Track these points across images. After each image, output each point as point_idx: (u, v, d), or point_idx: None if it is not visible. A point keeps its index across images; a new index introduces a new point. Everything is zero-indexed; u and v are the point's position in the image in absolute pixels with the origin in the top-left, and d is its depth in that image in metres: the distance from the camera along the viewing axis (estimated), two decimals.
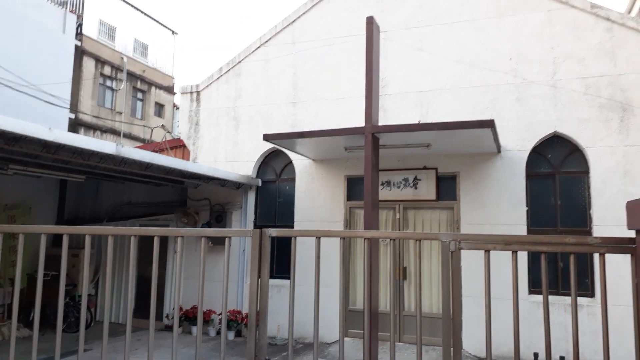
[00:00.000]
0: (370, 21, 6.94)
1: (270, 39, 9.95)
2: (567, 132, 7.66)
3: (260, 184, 9.61)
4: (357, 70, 8.91)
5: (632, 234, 2.41)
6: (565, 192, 7.77)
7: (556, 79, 7.81)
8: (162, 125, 11.75)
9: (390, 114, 8.74)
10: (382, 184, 8.45)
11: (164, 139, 10.69)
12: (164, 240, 9.59)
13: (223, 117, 10.12)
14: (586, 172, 7.62)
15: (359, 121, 7.02)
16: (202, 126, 10.29)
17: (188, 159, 10.17)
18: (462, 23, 8.51)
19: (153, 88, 25.26)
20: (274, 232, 2.72)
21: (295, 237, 2.73)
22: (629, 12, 17.89)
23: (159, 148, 10.49)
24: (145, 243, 3.32)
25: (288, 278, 8.77)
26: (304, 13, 9.75)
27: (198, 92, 10.46)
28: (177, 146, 10.56)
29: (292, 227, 9.17)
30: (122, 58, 23.13)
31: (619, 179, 7.31)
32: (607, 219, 7.25)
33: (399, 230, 8.42)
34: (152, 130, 11.96)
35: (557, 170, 7.87)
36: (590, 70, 7.64)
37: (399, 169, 8.47)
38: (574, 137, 7.63)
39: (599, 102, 7.53)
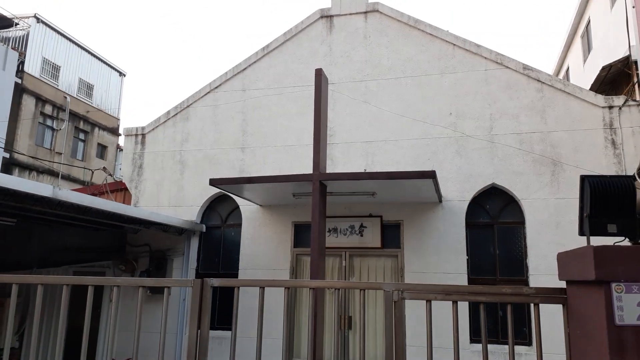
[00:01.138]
0: (319, 73, 7.16)
1: (220, 85, 10.02)
2: (504, 184, 8.06)
3: (204, 229, 9.40)
4: (306, 119, 9.09)
5: (564, 284, 2.52)
6: (503, 241, 8.08)
7: (493, 134, 8.27)
8: (104, 167, 11.36)
9: (337, 162, 8.90)
10: (329, 231, 8.47)
11: (104, 182, 10.32)
12: (98, 289, 9.07)
13: (168, 160, 9.95)
14: (522, 223, 7.99)
15: (307, 168, 7.10)
16: (146, 169, 10.05)
17: (129, 203, 9.83)
18: (405, 79, 8.94)
19: (97, 129, 24.57)
20: (215, 282, 2.65)
21: (238, 288, 2.66)
22: (557, 74, 19.46)
23: (99, 191, 10.10)
24: (78, 292, 3.13)
25: (230, 329, 8.47)
26: (255, 62, 9.94)
27: (143, 135, 10.27)
28: (119, 189, 10.22)
29: (237, 274, 8.95)
30: (65, 97, 22.48)
31: (552, 230, 7.71)
32: (542, 269, 7.57)
33: (345, 278, 8.41)
34: (92, 172, 11.53)
35: (495, 220, 8.21)
36: (524, 127, 8.17)
37: (345, 216, 8.55)
38: (510, 189, 8.03)
39: (532, 157, 8.01)
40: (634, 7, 3.67)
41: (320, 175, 6.71)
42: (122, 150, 21.59)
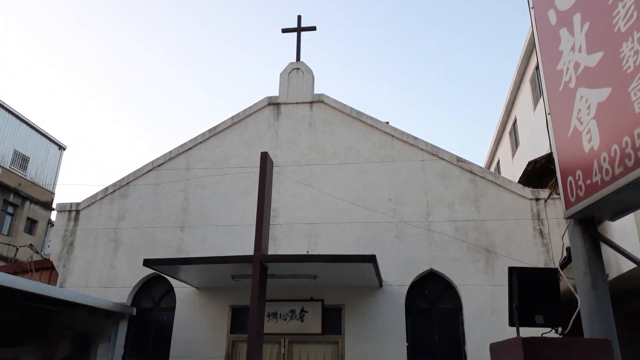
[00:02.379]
0: (264, 156, 7.30)
1: (163, 163, 9.95)
2: (441, 270, 8.25)
3: (134, 313, 8.84)
4: (249, 199, 9.10)
5: None
6: (442, 327, 8.11)
7: (430, 221, 8.58)
8: (30, 244, 10.65)
9: (280, 243, 8.84)
10: (269, 315, 8.20)
11: (29, 259, 9.65)
12: None
13: (102, 238, 9.51)
14: (460, 308, 8.10)
15: (248, 249, 6.99)
16: (77, 247, 9.52)
17: (55, 283, 9.18)
18: (347, 165, 9.26)
19: (28, 202, 23.31)
20: None
21: None
22: (489, 166, 20.80)
23: (22, 269, 9.41)
24: None
25: None
26: (201, 142, 10.01)
27: (78, 211, 9.85)
28: (45, 267, 9.56)
29: None
30: None
31: (488, 316, 7.86)
32: (480, 356, 7.60)
33: None
34: (17, 248, 10.78)
35: (434, 305, 8.28)
36: (459, 215, 8.54)
37: (286, 299, 8.35)
38: (447, 274, 8.21)
39: (467, 244, 8.32)
40: (549, 113, 4.10)
41: (261, 256, 6.62)
42: (53, 225, 20.45)
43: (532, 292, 2.93)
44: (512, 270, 3.08)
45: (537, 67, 10.66)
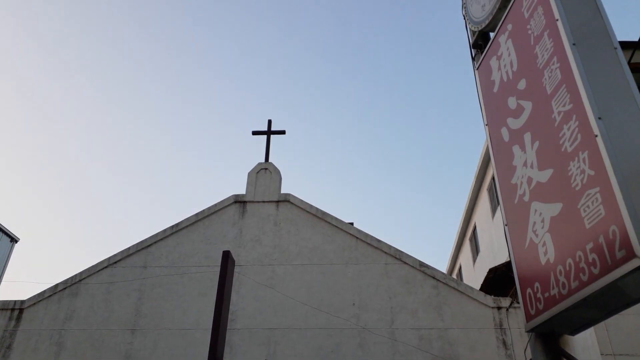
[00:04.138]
0: (226, 255, 7.09)
1: (120, 260, 9.56)
2: None
3: None
4: (207, 301, 8.72)
5: None
6: None
7: (394, 328, 8.35)
8: None
9: (237, 351, 8.34)
10: None
11: None
12: None
13: (44, 341, 8.77)
14: None
15: (203, 356, 6.55)
16: (15, 351, 8.72)
17: None
18: (311, 266, 9.13)
19: None
20: None
21: None
22: (451, 271, 20.90)
23: None
24: None
25: None
26: (161, 239, 9.76)
27: (21, 310, 9.17)
28: None
29: None
30: None
31: None
32: None
33: None
34: None
35: None
36: (422, 323, 8.37)
37: None
38: None
39: (431, 355, 8.05)
40: (506, 225, 4.24)
41: None
42: None
43: None
44: None
45: (493, 177, 11.21)
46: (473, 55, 5.75)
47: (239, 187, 12.82)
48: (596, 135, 3.00)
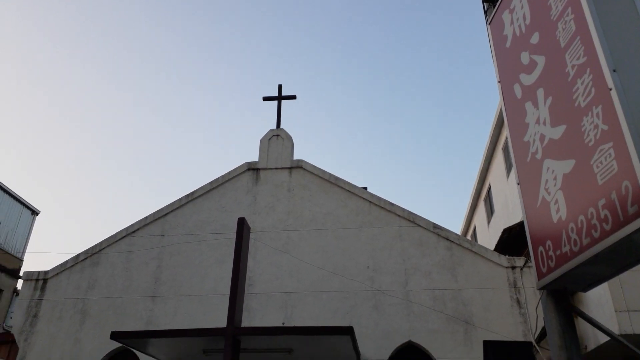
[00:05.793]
0: (241, 222, 7.21)
1: (138, 229, 9.74)
2: (420, 342, 8.01)
3: None
4: (224, 268, 8.88)
5: None
6: None
7: (408, 290, 8.44)
8: None
9: (255, 315, 8.54)
10: None
11: None
12: None
13: (69, 310, 9.07)
14: None
15: (222, 321, 6.72)
16: (41, 319, 9.04)
17: (14, 359, 8.61)
18: (326, 231, 9.20)
19: None
20: None
21: None
22: (465, 233, 20.91)
23: None
24: None
25: None
26: (178, 207, 9.89)
27: (45, 280, 9.46)
28: (5, 342, 9.03)
29: None
30: None
31: None
32: None
33: None
34: None
35: None
36: (437, 284, 8.44)
37: None
38: (426, 347, 7.97)
39: (445, 315, 8.15)
40: (519, 183, 4.18)
41: (234, 329, 6.35)
42: (18, 295, 19.56)
43: None
44: (487, 345, 2.99)
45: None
46: (485, 9, 5.56)
47: (252, 155, 12.86)
48: (610, 89, 2.90)
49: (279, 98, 10.89)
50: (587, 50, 3.22)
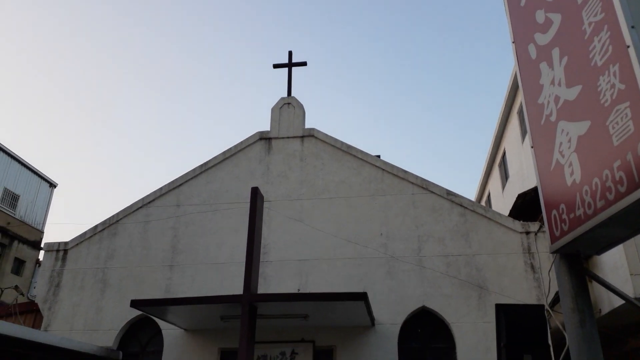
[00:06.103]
0: (255, 191, 7.26)
1: (154, 200, 9.86)
2: (434, 307, 8.09)
3: (120, 357, 8.56)
4: (239, 236, 8.99)
5: None
6: None
7: (421, 256, 8.47)
8: (16, 286, 10.45)
9: (270, 282, 8.68)
10: (258, 358, 7.96)
11: (14, 302, 9.41)
12: None
13: (89, 279, 9.31)
14: (453, 347, 7.90)
15: (239, 288, 6.85)
16: (63, 289, 9.31)
17: (39, 327, 8.93)
18: (339, 199, 9.21)
19: (16, 242, 22.98)
20: None
21: None
22: (479, 199, 20.79)
23: (6, 312, 9.16)
24: None
25: None
26: (192, 178, 9.97)
27: (65, 251, 9.68)
28: (30, 310, 9.32)
29: None
30: None
31: (482, 355, 7.65)
32: None
33: None
34: (2, 290, 10.57)
35: (427, 345, 8.08)
36: (450, 250, 8.45)
37: (276, 341, 8.13)
38: (440, 312, 8.05)
39: (459, 280, 8.19)
40: (532, 147, 4.12)
41: (250, 296, 6.48)
42: (40, 265, 20.09)
43: (520, 330, 2.85)
44: (499, 308, 3.00)
45: None
46: None
47: (264, 123, 12.76)
48: (628, 46, 2.79)
49: (290, 65, 10.76)
50: (604, 7, 3.10)
